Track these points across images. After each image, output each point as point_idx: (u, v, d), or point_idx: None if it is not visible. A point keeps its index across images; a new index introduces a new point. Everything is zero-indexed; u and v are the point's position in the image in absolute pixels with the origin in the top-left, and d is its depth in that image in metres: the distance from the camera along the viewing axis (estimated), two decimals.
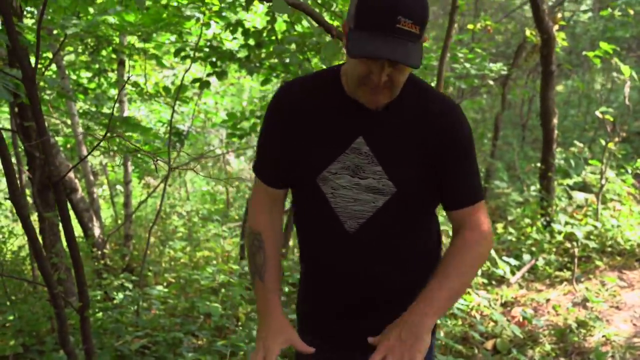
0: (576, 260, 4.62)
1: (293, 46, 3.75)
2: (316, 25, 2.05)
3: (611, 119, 5.53)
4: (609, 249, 5.06)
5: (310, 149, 1.49)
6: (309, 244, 1.61)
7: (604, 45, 5.16)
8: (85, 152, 5.74)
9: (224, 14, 4.34)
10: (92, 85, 6.51)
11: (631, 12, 5.92)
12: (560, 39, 5.57)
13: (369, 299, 1.57)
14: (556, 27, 5.64)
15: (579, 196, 5.78)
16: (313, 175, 1.49)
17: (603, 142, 5.74)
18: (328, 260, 1.56)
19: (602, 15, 6.89)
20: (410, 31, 1.28)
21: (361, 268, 1.53)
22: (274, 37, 4.09)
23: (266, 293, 1.55)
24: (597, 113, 5.54)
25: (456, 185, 1.50)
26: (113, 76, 6.48)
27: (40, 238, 4.06)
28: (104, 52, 5.90)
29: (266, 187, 1.60)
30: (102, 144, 4.60)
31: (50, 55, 5.48)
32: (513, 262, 4.70)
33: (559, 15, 6.25)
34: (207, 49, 4.53)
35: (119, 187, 9.06)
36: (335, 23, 4.22)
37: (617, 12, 5.96)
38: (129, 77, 3.19)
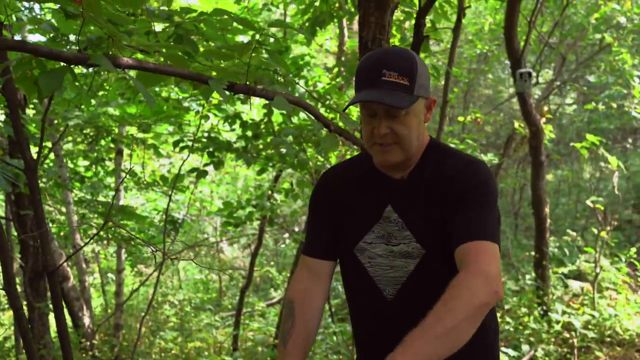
0: (576, 351, 4.54)
1: (290, 138, 3.85)
2: (315, 120, 2.14)
3: (602, 208, 5.60)
4: (608, 339, 4.99)
5: (347, 222, 1.59)
6: (354, 313, 1.67)
7: (590, 137, 5.32)
8: (79, 240, 5.71)
9: (222, 106, 4.46)
10: (89, 174, 6.57)
11: (614, 105, 6.14)
12: (548, 131, 5.74)
13: None
14: (544, 119, 5.83)
15: (575, 285, 5.76)
16: (350, 247, 1.58)
17: (595, 231, 5.78)
18: (371, 328, 1.61)
19: (586, 109, 7.13)
20: (397, 82, 1.41)
21: (402, 334, 1.49)
22: (270, 129, 4.20)
23: (284, 357, 1.58)
24: (588, 202, 5.62)
25: (460, 225, 1.42)
26: (110, 165, 6.55)
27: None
28: (102, 142, 6.00)
29: (308, 259, 1.66)
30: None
31: (49, 144, 5.57)
32: (512, 352, 4.60)
33: (545, 108, 6.48)
34: (205, 140, 4.62)
35: (110, 275, 8.93)
36: (330, 116, 4.36)
37: (600, 105, 6.19)
38: (130, 168, 3.25)
